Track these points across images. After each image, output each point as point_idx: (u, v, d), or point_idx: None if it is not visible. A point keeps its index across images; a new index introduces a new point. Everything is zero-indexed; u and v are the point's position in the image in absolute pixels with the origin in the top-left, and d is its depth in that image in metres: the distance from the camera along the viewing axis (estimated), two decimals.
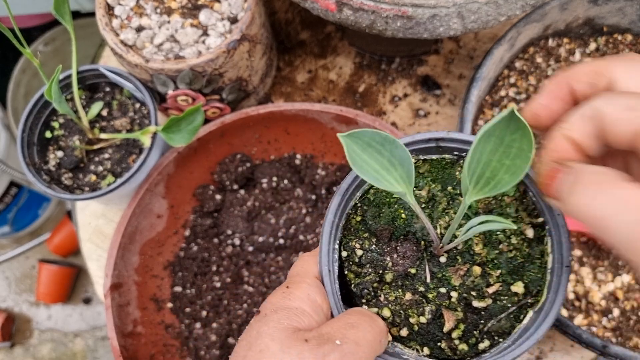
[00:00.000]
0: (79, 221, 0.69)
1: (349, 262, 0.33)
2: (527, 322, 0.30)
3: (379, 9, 0.47)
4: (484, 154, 0.24)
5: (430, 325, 0.31)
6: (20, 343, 1.36)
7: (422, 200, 0.33)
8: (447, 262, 0.32)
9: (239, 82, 0.58)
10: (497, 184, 0.24)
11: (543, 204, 0.31)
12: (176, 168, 0.60)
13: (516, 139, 0.22)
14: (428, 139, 0.33)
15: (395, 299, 0.31)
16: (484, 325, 0.31)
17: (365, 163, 0.27)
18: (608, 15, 0.60)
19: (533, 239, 0.31)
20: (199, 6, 0.53)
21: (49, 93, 0.45)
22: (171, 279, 0.62)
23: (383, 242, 0.33)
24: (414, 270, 0.32)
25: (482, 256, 0.31)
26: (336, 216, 0.33)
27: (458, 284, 0.31)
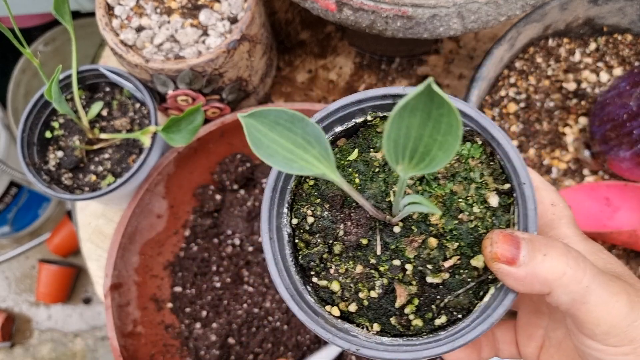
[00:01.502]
0: (79, 221, 0.69)
1: (300, 229, 0.31)
2: (489, 300, 0.28)
3: (379, 9, 0.47)
4: (412, 129, 0.22)
5: (382, 300, 0.29)
6: (20, 343, 1.36)
7: (376, 163, 0.30)
8: (402, 232, 0.29)
9: (239, 82, 0.58)
10: (432, 159, 0.23)
11: (510, 168, 0.28)
12: (176, 168, 0.60)
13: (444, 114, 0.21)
14: (383, 95, 0.30)
15: (345, 272, 0.30)
16: (441, 301, 0.29)
17: (275, 143, 0.24)
18: (608, 15, 0.60)
19: (498, 207, 0.29)
20: (199, 6, 0.53)
21: (49, 93, 0.45)
22: (171, 279, 0.62)
23: (336, 209, 0.30)
24: (365, 241, 0.29)
25: (440, 226, 0.28)
26: (280, 178, 0.30)
27: (413, 256, 0.29)
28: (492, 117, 0.61)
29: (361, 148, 0.31)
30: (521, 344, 0.35)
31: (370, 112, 0.31)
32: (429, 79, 0.20)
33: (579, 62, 0.62)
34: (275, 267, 0.29)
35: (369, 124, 0.32)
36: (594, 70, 0.62)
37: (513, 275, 0.26)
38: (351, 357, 0.57)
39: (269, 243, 0.29)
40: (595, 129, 0.57)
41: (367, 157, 0.31)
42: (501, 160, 0.29)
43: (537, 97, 0.61)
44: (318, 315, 0.29)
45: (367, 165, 0.30)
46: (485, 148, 0.30)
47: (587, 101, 0.61)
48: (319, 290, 0.30)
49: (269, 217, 0.30)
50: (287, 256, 0.30)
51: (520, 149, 0.60)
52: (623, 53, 0.62)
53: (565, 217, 0.30)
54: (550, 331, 0.33)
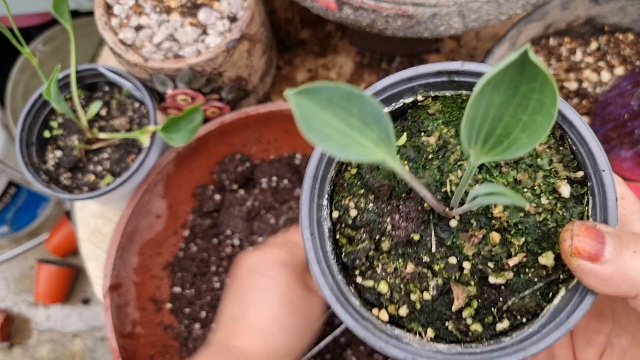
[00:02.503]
0: (77, 221, 0.69)
1: (342, 224, 0.28)
2: (559, 303, 0.25)
3: (379, 7, 0.47)
4: (491, 107, 0.19)
5: (436, 302, 0.26)
6: (19, 343, 1.36)
7: (429, 149, 0.27)
8: (459, 227, 0.26)
9: (239, 82, 0.58)
10: (511, 143, 0.19)
11: (585, 153, 0.25)
12: (175, 168, 0.60)
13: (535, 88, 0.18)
14: (437, 72, 0.27)
15: (394, 271, 0.26)
16: (504, 303, 0.25)
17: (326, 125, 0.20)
18: (609, 15, 0.60)
19: (569, 198, 0.25)
20: (199, 5, 0.53)
21: (48, 92, 0.45)
22: (170, 280, 0.62)
23: (382, 201, 0.27)
24: (417, 237, 0.26)
25: (503, 219, 0.25)
26: (320, 166, 0.27)
27: (471, 254, 0.25)
28: None
29: (410, 132, 0.28)
30: (578, 349, 0.31)
31: (420, 92, 0.28)
32: (526, 45, 0.17)
33: (580, 61, 0.62)
34: (318, 266, 0.26)
35: (419, 104, 0.29)
36: (595, 70, 0.62)
37: (596, 274, 0.23)
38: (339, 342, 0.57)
39: (310, 239, 0.26)
40: (597, 128, 0.57)
41: (417, 142, 0.27)
42: (573, 145, 0.26)
43: None
44: (365, 319, 0.26)
45: (419, 151, 0.27)
46: (554, 131, 0.26)
47: (588, 100, 0.61)
48: (364, 292, 0.27)
49: (309, 210, 0.27)
50: (329, 254, 0.27)
51: None
52: (624, 52, 0.62)
53: (638, 212, 0.27)
54: (613, 337, 0.30)
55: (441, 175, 0.26)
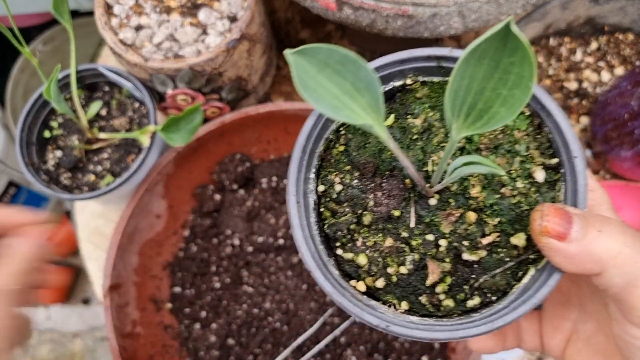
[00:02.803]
0: (78, 221, 0.69)
1: (327, 198, 0.29)
2: (528, 282, 0.26)
3: (379, 7, 0.47)
4: (475, 81, 0.19)
5: (412, 276, 0.27)
6: None
7: (415, 130, 0.28)
8: (438, 205, 0.27)
9: (239, 82, 0.58)
10: (491, 118, 0.20)
11: (561, 141, 0.26)
12: (175, 168, 0.60)
13: (515, 62, 0.18)
14: (427, 57, 0.28)
15: (374, 245, 0.27)
16: (475, 280, 0.27)
17: (321, 87, 0.21)
18: (609, 15, 0.60)
19: (544, 183, 0.27)
20: (199, 5, 0.53)
21: (48, 92, 0.45)
22: (170, 280, 0.62)
23: (367, 178, 0.28)
24: (398, 213, 0.27)
25: (480, 200, 0.26)
26: (310, 139, 0.28)
27: (448, 231, 0.27)
28: None
29: (398, 113, 0.29)
30: (546, 335, 0.33)
31: (410, 75, 0.29)
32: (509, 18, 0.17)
33: (580, 61, 0.62)
34: (301, 233, 0.27)
35: (408, 88, 0.30)
36: (595, 70, 0.62)
37: (563, 252, 0.24)
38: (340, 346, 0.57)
39: (295, 207, 0.27)
40: (597, 128, 0.57)
41: (404, 124, 0.29)
42: (550, 133, 0.27)
43: None
44: (343, 289, 0.27)
45: (404, 132, 0.28)
46: (533, 120, 0.28)
47: (589, 101, 0.61)
48: (344, 264, 0.29)
49: (296, 180, 0.28)
50: (312, 224, 0.28)
51: None
52: (624, 52, 0.62)
53: (605, 203, 0.28)
54: (579, 324, 0.31)
55: (424, 155, 0.28)
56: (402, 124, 0.29)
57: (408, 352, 0.57)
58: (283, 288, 0.60)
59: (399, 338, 0.57)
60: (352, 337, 0.57)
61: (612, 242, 0.24)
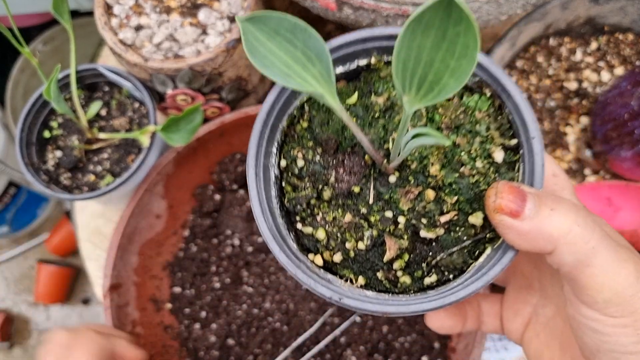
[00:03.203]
0: (77, 221, 0.69)
1: (288, 173, 0.29)
2: (484, 261, 0.26)
3: (379, 7, 0.47)
4: (424, 51, 0.19)
5: (370, 252, 0.27)
6: (19, 343, 1.36)
7: (377, 108, 0.28)
8: (397, 183, 0.27)
9: (239, 82, 0.58)
10: (441, 89, 0.20)
11: (519, 122, 0.27)
12: (175, 168, 0.60)
13: (460, 32, 0.18)
14: (390, 35, 0.28)
15: (333, 220, 0.28)
16: (433, 258, 0.27)
17: (272, 54, 0.21)
18: (609, 15, 0.60)
19: (502, 164, 0.27)
20: (198, 5, 0.53)
21: (48, 92, 0.45)
22: (170, 280, 0.62)
23: (329, 154, 0.28)
24: (358, 189, 0.27)
25: (439, 178, 0.27)
26: (272, 114, 0.28)
27: (407, 209, 0.27)
28: None
29: (362, 92, 0.29)
30: (506, 319, 0.33)
31: (374, 54, 0.29)
32: None
33: (580, 61, 0.62)
34: (259, 205, 0.27)
35: (372, 67, 0.30)
36: (595, 70, 0.62)
37: (516, 229, 0.24)
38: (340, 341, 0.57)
39: (254, 179, 0.27)
40: (597, 128, 0.57)
41: (367, 102, 0.29)
42: (510, 114, 0.27)
43: (538, 96, 0.61)
44: (300, 261, 0.27)
45: (367, 110, 0.29)
46: (494, 101, 0.28)
47: (589, 101, 0.61)
48: (303, 239, 0.29)
49: (256, 153, 0.28)
50: (273, 198, 0.28)
51: None
52: (624, 52, 0.62)
53: (567, 188, 0.29)
54: (539, 308, 0.32)
55: (385, 133, 0.28)
56: (366, 102, 0.29)
57: (408, 352, 0.57)
58: (283, 288, 0.60)
59: (399, 338, 0.57)
60: (352, 337, 0.57)
61: (563, 220, 0.24)
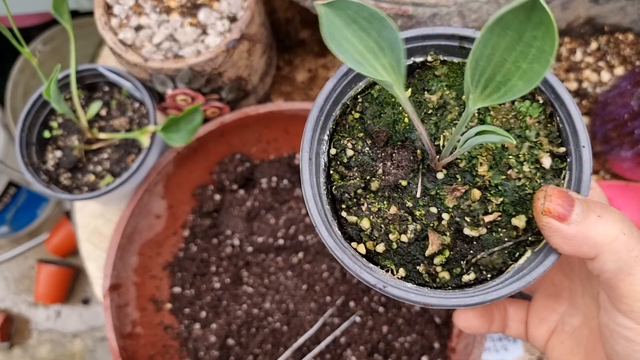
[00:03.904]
0: (77, 221, 0.69)
1: (337, 161, 0.30)
2: (523, 263, 0.27)
3: (379, 7, 0.47)
4: (497, 51, 0.20)
5: (412, 245, 0.28)
6: (18, 343, 1.36)
7: (430, 105, 0.29)
8: (445, 180, 0.28)
9: (239, 82, 0.58)
10: (508, 90, 0.21)
11: (570, 130, 0.27)
12: (175, 168, 0.60)
13: (538, 36, 0.18)
14: (450, 35, 0.28)
15: (378, 211, 0.28)
16: (473, 256, 0.27)
17: (346, 41, 0.22)
18: (609, 15, 0.60)
19: (549, 169, 0.28)
20: (198, 5, 0.53)
21: (48, 93, 0.45)
22: (170, 280, 0.62)
23: (378, 146, 0.29)
24: (405, 183, 0.28)
25: (486, 179, 0.28)
26: (328, 101, 0.29)
27: (452, 206, 0.28)
28: None
29: (415, 88, 0.30)
30: (531, 325, 0.34)
31: (431, 53, 0.30)
32: None
33: (580, 61, 0.62)
34: (310, 189, 0.28)
35: (428, 65, 0.30)
36: (595, 70, 0.62)
37: (562, 233, 0.24)
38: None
39: (308, 163, 0.28)
40: (597, 128, 0.57)
41: (420, 99, 0.29)
42: (560, 122, 0.28)
43: None
44: (345, 248, 0.28)
45: (420, 106, 0.29)
46: (545, 108, 0.28)
47: (589, 101, 0.61)
48: (347, 226, 0.29)
49: (311, 138, 0.28)
50: (321, 184, 0.29)
51: None
52: (624, 52, 0.62)
53: (603, 201, 0.29)
54: (567, 317, 0.32)
55: (436, 130, 0.29)
56: (419, 98, 0.30)
57: (408, 352, 0.57)
58: (283, 288, 0.60)
59: (399, 338, 0.57)
60: (352, 337, 0.57)
61: (609, 227, 0.24)
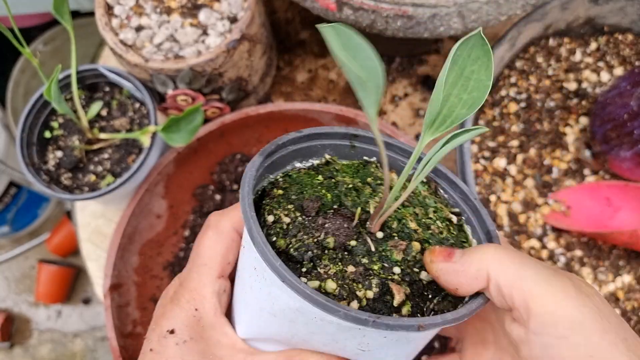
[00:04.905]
0: (78, 221, 0.69)
1: (277, 228, 0.29)
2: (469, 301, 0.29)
3: (379, 8, 0.47)
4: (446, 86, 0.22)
5: (377, 301, 0.28)
6: (19, 343, 1.36)
7: (346, 186, 0.31)
8: (385, 238, 0.30)
9: (239, 82, 0.58)
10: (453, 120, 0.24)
11: (455, 196, 0.33)
12: (176, 168, 0.60)
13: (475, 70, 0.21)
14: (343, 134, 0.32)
15: (337, 272, 0.28)
16: (431, 302, 0.29)
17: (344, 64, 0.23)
18: (609, 15, 0.60)
19: (457, 224, 0.32)
20: (199, 5, 0.53)
21: (49, 93, 0.45)
22: (171, 280, 0.62)
23: (311, 216, 0.29)
24: (354, 243, 0.29)
25: (419, 233, 0.30)
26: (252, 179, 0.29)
27: (400, 259, 0.29)
28: (492, 117, 0.60)
29: (324, 175, 0.32)
30: None
31: (327, 154, 0.33)
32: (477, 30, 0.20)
33: (580, 61, 0.62)
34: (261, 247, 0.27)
35: (328, 163, 0.34)
36: (595, 70, 0.62)
37: (451, 269, 0.27)
38: None
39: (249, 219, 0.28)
40: (596, 128, 0.57)
41: (333, 181, 0.32)
42: (445, 193, 0.33)
43: (537, 96, 0.61)
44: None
45: (336, 186, 0.32)
46: (430, 184, 0.34)
47: (588, 101, 0.61)
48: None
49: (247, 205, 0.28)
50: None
51: (521, 149, 0.60)
52: (624, 53, 0.62)
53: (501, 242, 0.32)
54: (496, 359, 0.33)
55: (359, 201, 0.31)
56: (332, 181, 0.32)
57: None
58: None
59: None
60: None
61: (488, 249, 0.26)
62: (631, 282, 0.55)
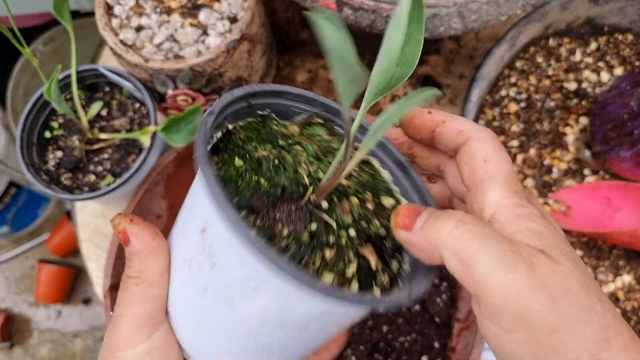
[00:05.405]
0: (78, 221, 0.69)
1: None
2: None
3: (379, 8, 0.47)
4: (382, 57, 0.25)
5: (362, 270, 0.27)
6: (19, 343, 1.36)
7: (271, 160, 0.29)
8: (331, 208, 0.28)
9: (239, 82, 0.58)
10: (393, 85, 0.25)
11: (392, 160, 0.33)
12: (176, 168, 0.60)
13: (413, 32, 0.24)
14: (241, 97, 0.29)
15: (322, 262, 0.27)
16: (386, 247, 0.28)
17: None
18: (609, 15, 0.60)
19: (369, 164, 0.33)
20: (199, 6, 0.53)
21: (49, 93, 0.45)
22: None
23: (262, 213, 0.27)
24: (315, 226, 0.27)
25: (351, 188, 0.30)
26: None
27: (351, 220, 0.28)
28: (492, 117, 0.60)
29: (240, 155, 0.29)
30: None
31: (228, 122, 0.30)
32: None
33: (580, 61, 0.62)
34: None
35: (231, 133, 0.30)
36: (595, 70, 0.62)
37: (408, 241, 0.26)
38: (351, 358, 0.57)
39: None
40: (596, 128, 0.57)
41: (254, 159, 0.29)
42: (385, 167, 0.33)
43: (537, 96, 0.61)
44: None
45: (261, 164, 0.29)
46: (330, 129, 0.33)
47: (588, 101, 0.61)
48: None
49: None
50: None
51: (521, 149, 0.60)
52: (624, 53, 0.62)
53: (500, 174, 0.26)
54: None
55: (296, 173, 0.29)
56: (253, 160, 0.29)
57: (408, 352, 0.57)
58: None
59: (399, 337, 0.57)
60: (352, 337, 0.57)
61: (444, 223, 0.24)
62: (631, 282, 0.55)
